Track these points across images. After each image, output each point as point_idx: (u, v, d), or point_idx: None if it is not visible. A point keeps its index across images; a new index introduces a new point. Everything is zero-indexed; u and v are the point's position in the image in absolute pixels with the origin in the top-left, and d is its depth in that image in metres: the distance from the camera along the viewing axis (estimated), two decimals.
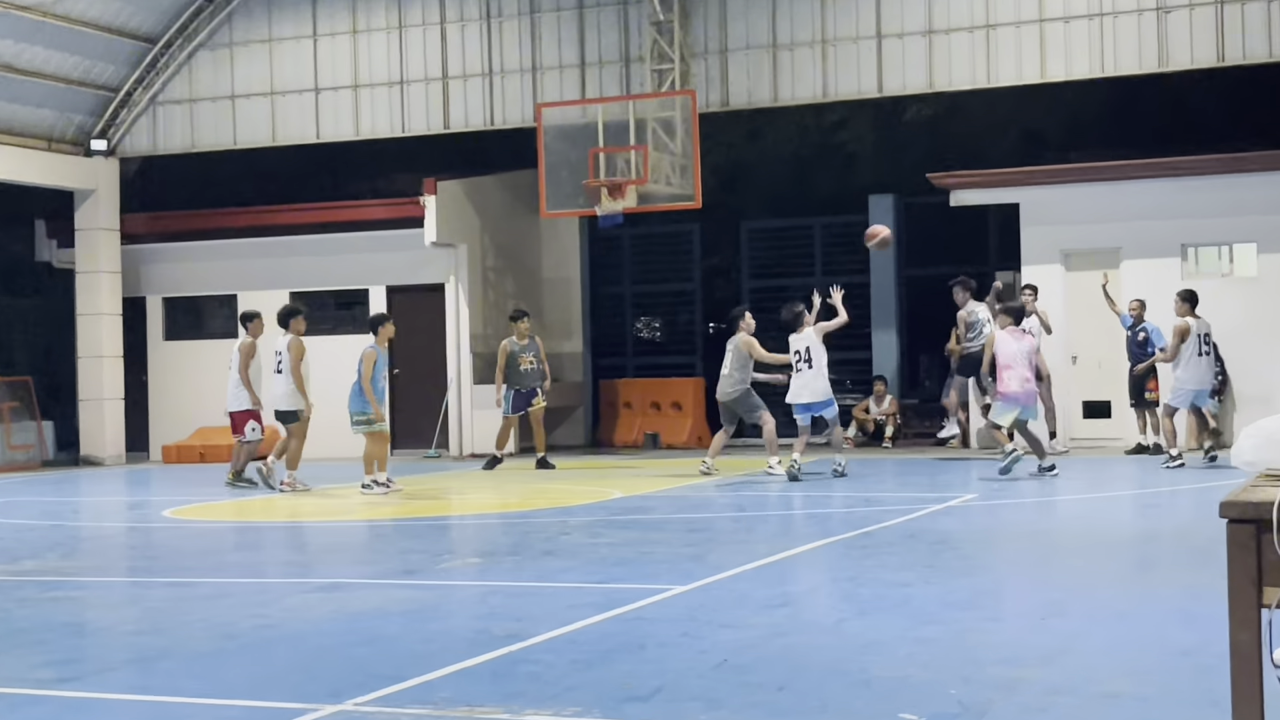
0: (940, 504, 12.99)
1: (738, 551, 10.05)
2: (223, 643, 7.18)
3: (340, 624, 7.66)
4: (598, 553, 10.27)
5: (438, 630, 7.50)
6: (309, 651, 6.92)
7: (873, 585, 8.37)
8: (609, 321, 25.52)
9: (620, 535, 11.38)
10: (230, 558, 11.06)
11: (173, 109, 23.50)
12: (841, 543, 10.36)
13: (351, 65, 22.59)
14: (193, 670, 6.59)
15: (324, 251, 23.24)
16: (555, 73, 21.57)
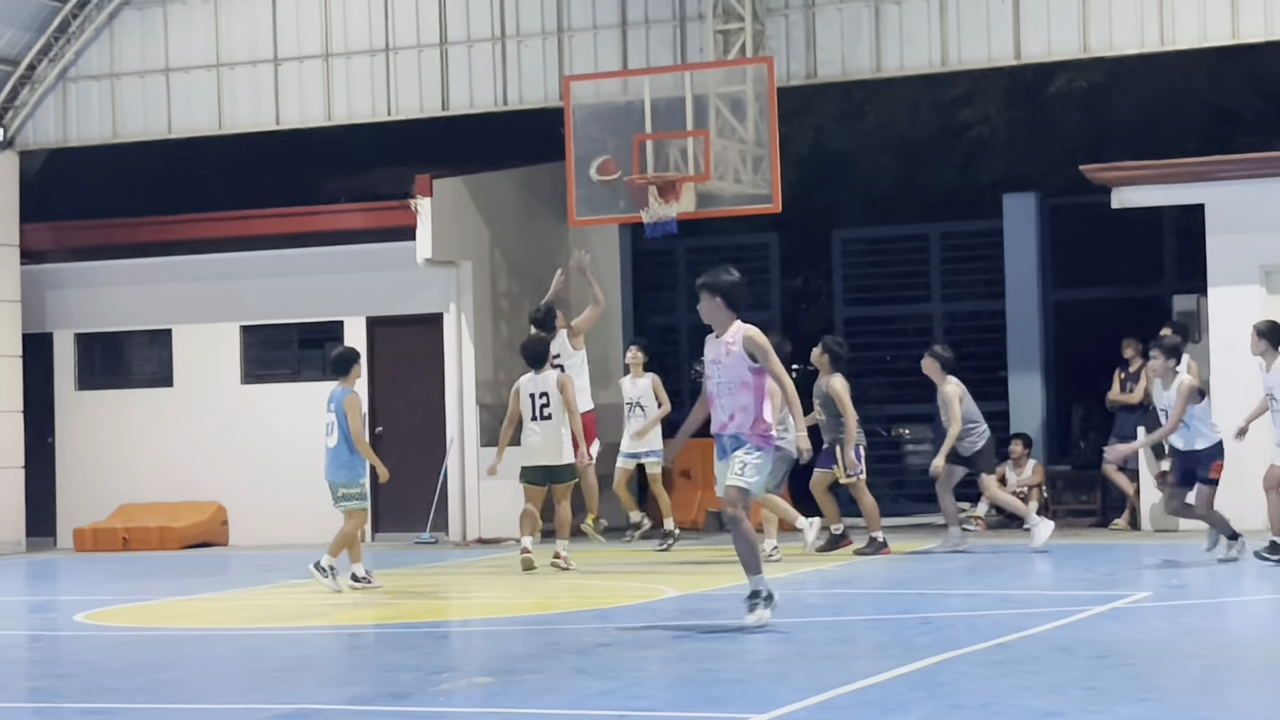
0: (1102, 605, 12.90)
1: (831, 668, 10.02)
2: None
3: None
4: (646, 670, 10.26)
5: None
6: None
7: (1012, 714, 8.32)
8: (658, 362, 25.52)
9: (676, 647, 11.37)
10: (163, 676, 11.10)
11: (88, 86, 23.77)
12: (969, 657, 10.31)
13: (322, 29, 22.75)
14: None
15: (286, 273, 23.37)
16: (588, 36, 21.67)
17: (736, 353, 11.85)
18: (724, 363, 11.91)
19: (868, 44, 20.66)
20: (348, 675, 11.26)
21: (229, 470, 23.42)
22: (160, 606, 15.12)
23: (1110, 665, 9.99)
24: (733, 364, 11.87)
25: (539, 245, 23.89)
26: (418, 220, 22.07)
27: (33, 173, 24.54)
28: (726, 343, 11.95)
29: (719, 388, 11.93)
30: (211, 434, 23.32)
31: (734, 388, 11.85)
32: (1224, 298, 19.94)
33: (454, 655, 12.42)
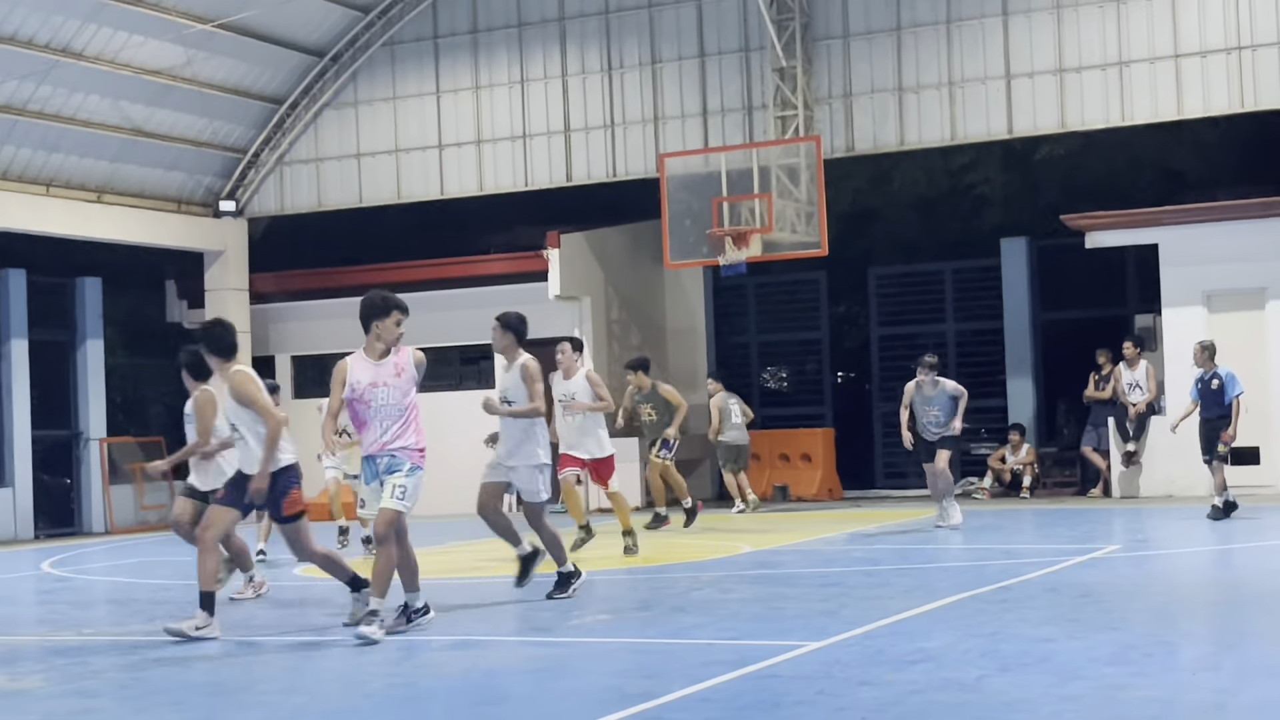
0: (1082, 556, 12.79)
1: (872, 607, 9.99)
2: (358, 700, 7.30)
3: (472, 682, 7.75)
4: (729, 608, 10.27)
5: (570, 688, 7.55)
6: (442, 710, 7.01)
7: (1014, 640, 8.27)
8: (735, 372, 25.52)
9: (751, 590, 11.37)
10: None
11: (299, 169, 24.07)
12: (980, 597, 10.25)
13: (474, 120, 22.97)
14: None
15: (449, 307, 23.52)
16: (677, 122, 21.75)
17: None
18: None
19: (893, 124, 20.63)
20: (502, 614, 11.33)
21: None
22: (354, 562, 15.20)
23: (1090, 602, 9.91)
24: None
25: (641, 283, 23.99)
26: (549, 266, 22.22)
27: (258, 235, 24.84)
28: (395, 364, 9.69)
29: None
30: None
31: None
32: (1175, 317, 19.79)
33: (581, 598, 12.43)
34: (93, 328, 23.31)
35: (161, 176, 22.96)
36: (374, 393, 9.51)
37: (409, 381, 9.67)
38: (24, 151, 20.75)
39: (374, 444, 9.55)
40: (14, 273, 22.26)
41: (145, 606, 11.92)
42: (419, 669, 8.26)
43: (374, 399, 9.52)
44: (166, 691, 7.79)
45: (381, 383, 9.52)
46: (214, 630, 9.51)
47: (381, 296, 9.68)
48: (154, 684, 8.08)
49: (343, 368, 9.59)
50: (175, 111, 22.22)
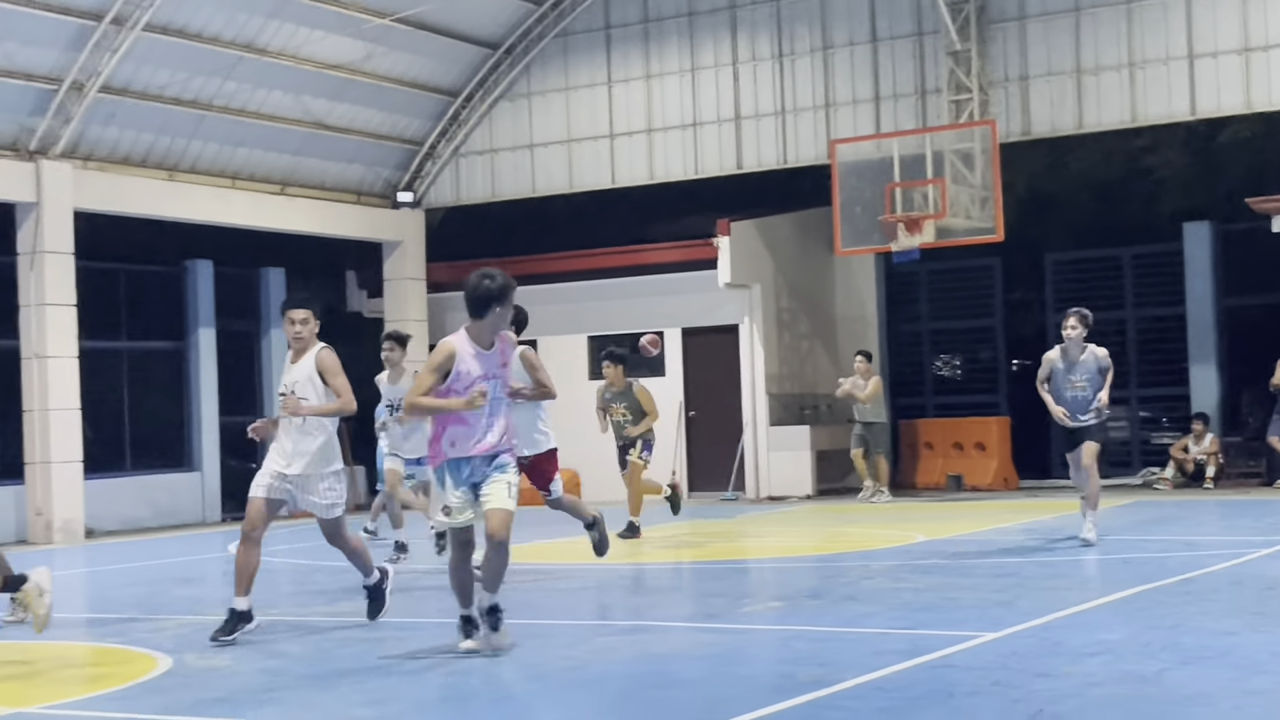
0: (1268, 548, 12.42)
1: (1049, 598, 9.82)
2: (532, 683, 7.40)
3: (645, 667, 7.80)
4: (902, 598, 10.18)
5: (742, 674, 7.57)
6: (615, 694, 7.07)
7: (1195, 634, 8.07)
8: (907, 360, 25.28)
9: (925, 580, 11.26)
10: (537, 599, 11.36)
11: (474, 160, 24.41)
12: (1161, 589, 10.02)
13: (645, 110, 23.06)
14: (503, 711, 6.81)
15: (620, 295, 23.69)
16: (849, 108, 21.57)
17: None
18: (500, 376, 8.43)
19: (1071, 107, 20.21)
20: (674, 600, 11.39)
21: (580, 444, 23.76)
22: (534, 547, 15.44)
23: (1275, 595, 9.62)
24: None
25: (811, 271, 23.88)
26: (719, 254, 22.21)
27: (435, 226, 25.25)
28: (501, 352, 8.41)
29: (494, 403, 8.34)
30: (566, 417, 23.67)
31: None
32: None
33: (752, 585, 12.46)
34: (277, 317, 23.93)
35: (342, 169, 23.48)
36: (491, 385, 8.27)
37: (511, 374, 8.65)
38: (211, 146, 21.38)
39: (476, 445, 8.23)
40: (201, 264, 22.99)
41: (326, 589, 12.22)
42: (591, 653, 8.35)
43: (490, 390, 8.27)
44: (348, 672, 7.98)
45: (491, 375, 8.28)
46: None
47: (504, 277, 8.35)
48: (336, 664, 8.29)
49: (449, 353, 8.22)
50: (354, 105, 22.70)
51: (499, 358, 8.36)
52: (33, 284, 19.17)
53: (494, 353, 8.33)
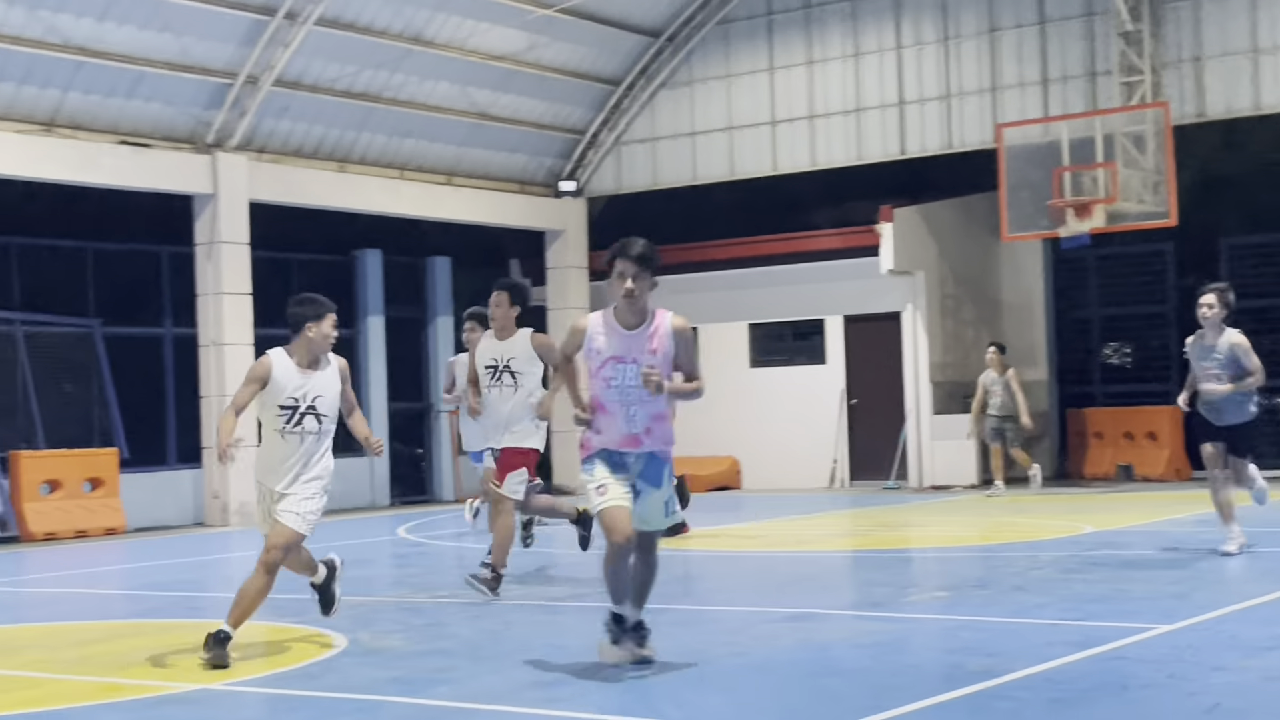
0: None
1: (1224, 590, 9.60)
2: (697, 668, 7.44)
3: (808, 654, 7.80)
4: (1071, 588, 10.02)
5: (908, 663, 7.53)
6: (779, 680, 7.08)
7: None
8: (1075, 348, 24.80)
9: (1095, 571, 11.07)
10: (700, 585, 11.42)
11: (635, 148, 24.54)
12: None
13: (808, 96, 22.96)
14: (669, 694, 6.86)
15: (780, 283, 23.64)
16: (1016, 91, 21.24)
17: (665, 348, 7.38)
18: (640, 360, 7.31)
19: (1247, 87, 19.66)
20: (836, 588, 11.36)
21: (741, 431, 23.85)
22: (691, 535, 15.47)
23: None
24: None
25: (977, 257, 23.54)
26: (881, 240, 22.03)
27: (596, 214, 25.43)
28: (651, 334, 7.36)
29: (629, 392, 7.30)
30: (727, 404, 23.74)
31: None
32: None
33: (916, 574, 12.37)
34: (443, 305, 24.35)
35: (505, 159, 23.76)
36: (618, 369, 7.30)
37: (666, 362, 7.36)
38: (379, 138, 21.79)
39: (620, 437, 7.34)
40: (370, 253, 23.45)
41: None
42: (755, 640, 8.37)
43: (618, 377, 7.30)
44: (515, 653, 8.11)
45: (630, 358, 7.27)
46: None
47: (644, 243, 7.44)
48: (506, 646, 8.43)
49: (577, 329, 7.48)
50: (518, 96, 22.95)
51: (646, 341, 7.30)
52: (210, 273, 19.74)
53: (639, 334, 7.29)
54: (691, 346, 7.43)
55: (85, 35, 17.86)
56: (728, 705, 6.50)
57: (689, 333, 7.42)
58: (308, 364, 8.41)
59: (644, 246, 7.40)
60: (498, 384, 10.63)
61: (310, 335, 8.40)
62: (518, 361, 10.59)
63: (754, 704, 6.53)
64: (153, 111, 19.09)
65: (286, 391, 8.27)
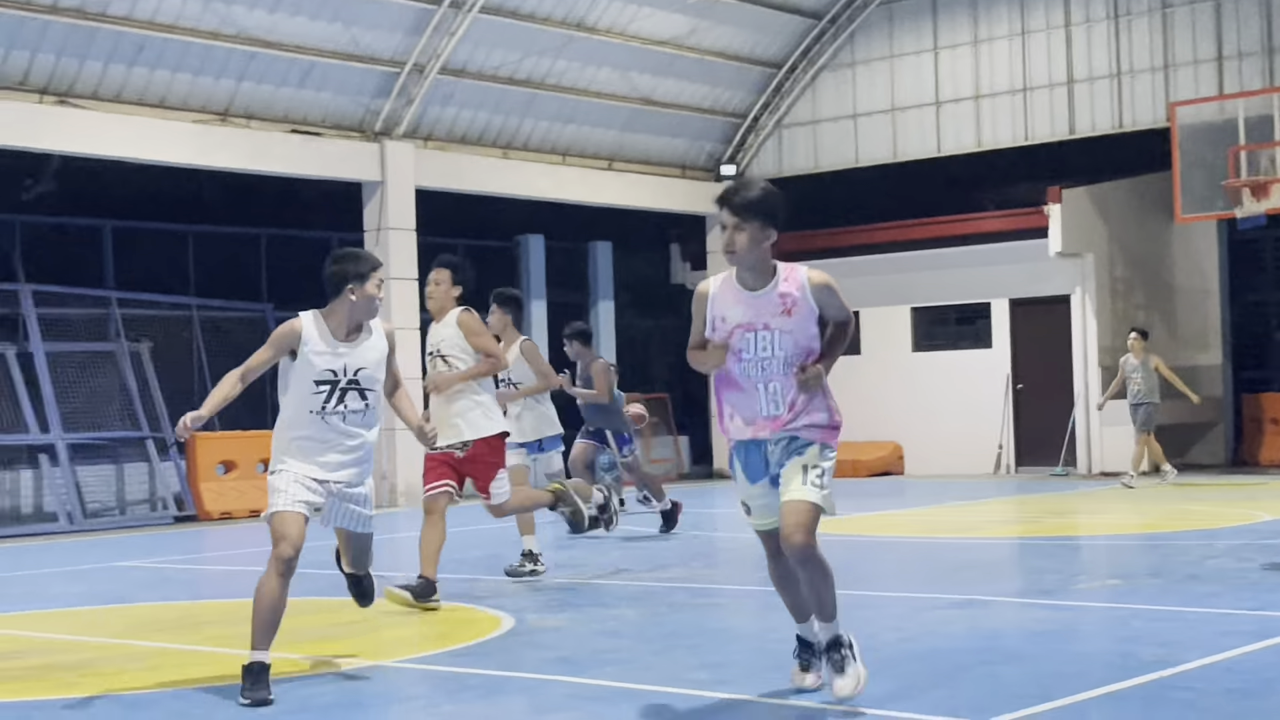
0: None
1: None
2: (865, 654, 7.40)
3: (978, 641, 7.72)
4: (1248, 577, 9.77)
5: (1079, 652, 7.41)
6: (949, 666, 7.02)
7: None
8: (1252, 332, 24.14)
9: (1272, 560, 10.76)
10: (866, 570, 11.35)
11: (797, 131, 24.43)
12: None
13: (973, 76, 22.66)
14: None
15: (944, 266, 23.36)
16: (1189, 69, 20.73)
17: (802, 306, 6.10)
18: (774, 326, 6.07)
19: None
20: (1003, 575, 11.21)
21: (903, 416, 23.63)
22: (855, 519, 15.41)
23: None
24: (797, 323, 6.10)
25: (1148, 239, 23.00)
26: (1049, 222, 21.64)
27: None
28: (781, 294, 6.08)
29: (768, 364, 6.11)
30: (890, 389, 23.58)
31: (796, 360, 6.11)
32: None
33: (1086, 562, 12.16)
34: (604, 289, 24.53)
35: (666, 143, 23.83)
36: (746, 339, 6.09)
37: (807, 319, 6.10)
38: (542, 124, 22.00)
39: (758, 420, 6.16)
40: (534, 238, 23.70)
41: (657, 554, 12.47)
42: (924, 627, 8.30)
43: (748, 348, 6.10)
44: (682, 635, 8.15)
45: (761, 324, 6.07)
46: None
47: (748, 185, 6.29)
48: (671, 628, 8.48)
49: (700, 295, 6.28)
50: (679, 80, 22.99)
51: (776, 302, 6.07)
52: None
53: (765, 295, 6.07)
54: (836, 297, 6.16)
55: (258, 26, 18.30)
56: (897, 691, 6.46)
57: (830, 286, 6.14)
58: (347, 331, 7.12)
59: (745, 189, 6.18)
60: (442, 369, 9.70)
61: (352, 298, 7.10)
62: (447, 345, 9.68)
63: (923, 691, 6.49)
64: (323, 100, 19.51)
65: (322, 364, 7.02)
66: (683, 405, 25.56)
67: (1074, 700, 6.07)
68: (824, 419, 6.24)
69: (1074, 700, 6.07)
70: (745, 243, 6.08)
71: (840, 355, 6.27)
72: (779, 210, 6.14)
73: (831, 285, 6.19)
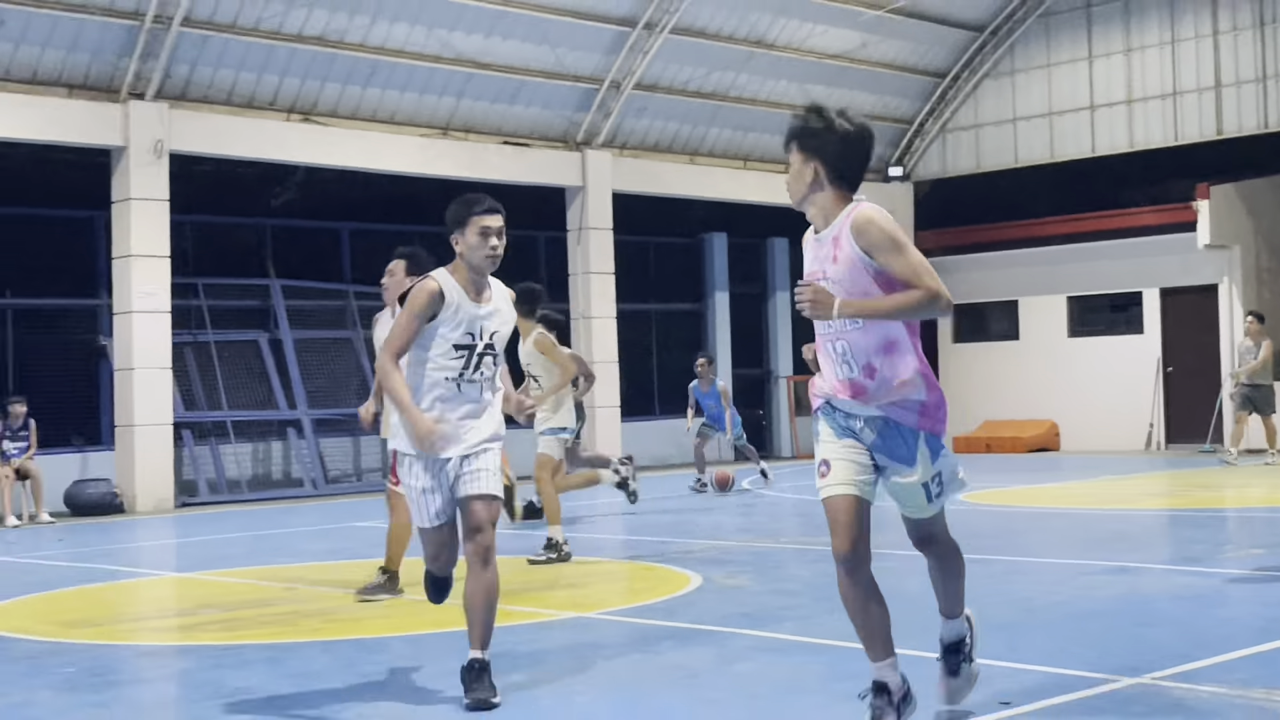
0: None
1: None
2: (1020, 615, 7.29)
3: (1130, 605, 7.53)
4: None
5: (1225, 616, 7.19)
6: (1101, 628, 6.87)
7: None
8: None
9: None
10: (1022, 539, 11.16)
11: (960, 135, 24.02)
12: None
13: (1125, 81, 22.03)
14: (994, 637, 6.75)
15: (1099, 258, 22.80)
16: None
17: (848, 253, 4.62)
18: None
19: None
20: (1153, 544, 10.91)
21: (1059, 396, 23.13)
22: (1013, 491, 15.15)
23: None
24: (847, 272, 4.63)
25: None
26: (1198, 216, 20.96)
27: (923, 196, 25.03)
28: (834, 238, 4.66)
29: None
30: (1046, 372, 23.11)
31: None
32: None
33: (1233, 533, 11.77)
34: (782, 281, 24.44)
35: None
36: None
37: (856, 270, 4.58)
38: (726, 132, 21.99)
39: (836, 383, 4.74)
40: (717, 235, 23.74)
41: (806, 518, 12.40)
42: (1079, 590, 8.13)
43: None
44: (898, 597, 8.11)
45: (821, 273, 4.68)
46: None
47: (806, 112, 4.75)
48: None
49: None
50: (851, 90, 22.76)
51: (829, 248, 4.66)
52: (580, 256, 20.37)
53: (825, 239, 4.69)
54: (893, 245, 4.54)
55: (474, 50, 18.63)
56: (1052, 650, 6.35)
57: (883, 226, 4.55)
58: (475, 290, 5.71)
59: (803, 117, 4.72)
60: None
61: (459, 249, 5.69)
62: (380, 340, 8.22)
63: (1076, 650, 6.36)
64: (531, 115, 19.78)
65: (462, 326, 5.63)
66: None
67: (1220, 660, 5.90)
68: (920, 393, 4.68)
69: (1220, 660, 5.90)
70: (790, 178, 4.76)
71: (899, 316, 4.60)
72: (826, 138, 4.64)
73: (876, 224, 4.54)
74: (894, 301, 4.59)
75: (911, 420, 4.68)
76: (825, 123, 4.68)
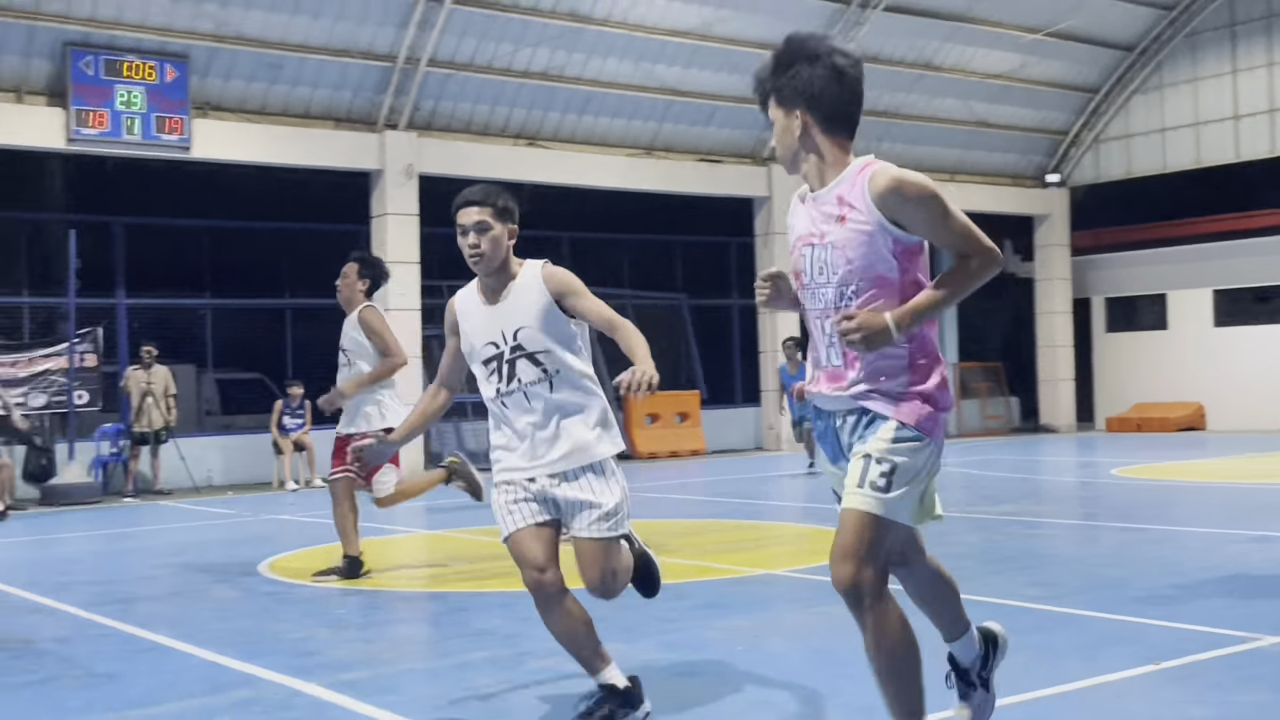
0: None
1: None
2: (1173, 578, 7.01)
3: (1275, 569, 7.17)
4: None
5: None
6: (1248, 590, 6.56)
7: None
8: None
9: None
10: (1173, 511, 10.71)
11: (1111, 144, 23.15)
12: None
13: (1268, 92, 20.91)
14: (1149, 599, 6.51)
15: (1243, 254, 21.77)
16: None
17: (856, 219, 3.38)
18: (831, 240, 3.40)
19: None
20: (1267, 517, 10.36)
21: (1206, 380, 22.15)
22: (1163, 467, 14.55)
23: None
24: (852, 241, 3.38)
25: None
26: None
27: (1077, 200, 24.21)
28: (839, 197, 3.39)
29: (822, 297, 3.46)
30: (1193, 358, 22.15)
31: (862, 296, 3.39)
32: None
33: None
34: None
35: (1000, 158, 23.01)
36: (804, 256, 3.52)
37: (869, 234, 3.42)
38: (896, 145, 21.60)
39: (821, 373, 3.56)
40: None
41: (992, 493, 12.12)
42: (1226, 557, 7.77)
43: (805, 269, 3.52)
44: (1014, 559, 7.92)
45: (818, 235, 3.49)
46: None
47: (788, 41, 3.53)
48: (1007, 552, 8.23)
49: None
50: (1011, 106, 22.16)
51: (831, 204, 3.46)
52: (765, 258, 20.27)
53: (825, 195, 3.49)
54: (941, 207, 3.43)
55: (675, 79, 18.69)
56: (1201, 610, 6.09)
57: (922, 185, 3.42)
58: (490, 291, 4.42)
59: (769, 64, 3.52)
60: (344, 364, 7.82)
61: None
62: (346, 339, 7.76)
63: (1223, 610, 6.09)
64: (723, 136, 19.76)
65: (480, 335, 4.38)
66: (1014, 372, 24.72)
67: None
68: (902, 384, 3.43)
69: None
70: (776, 138, 3.55)
71: (962, 297, 3.44)
72: (807, 81, 3.44)
73: (912, 183, 3.37)
74: (955, 283, 3.39)
75: (887, 410, 3.42)
76: (799, 61, 3.42)
